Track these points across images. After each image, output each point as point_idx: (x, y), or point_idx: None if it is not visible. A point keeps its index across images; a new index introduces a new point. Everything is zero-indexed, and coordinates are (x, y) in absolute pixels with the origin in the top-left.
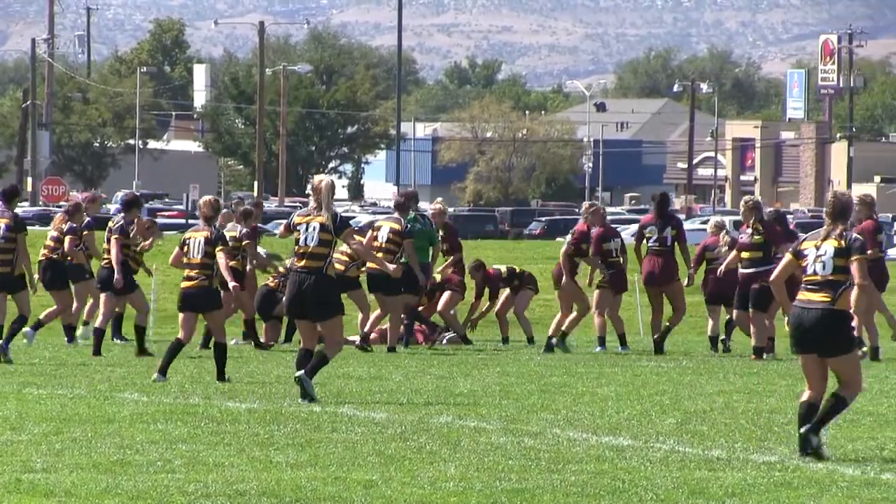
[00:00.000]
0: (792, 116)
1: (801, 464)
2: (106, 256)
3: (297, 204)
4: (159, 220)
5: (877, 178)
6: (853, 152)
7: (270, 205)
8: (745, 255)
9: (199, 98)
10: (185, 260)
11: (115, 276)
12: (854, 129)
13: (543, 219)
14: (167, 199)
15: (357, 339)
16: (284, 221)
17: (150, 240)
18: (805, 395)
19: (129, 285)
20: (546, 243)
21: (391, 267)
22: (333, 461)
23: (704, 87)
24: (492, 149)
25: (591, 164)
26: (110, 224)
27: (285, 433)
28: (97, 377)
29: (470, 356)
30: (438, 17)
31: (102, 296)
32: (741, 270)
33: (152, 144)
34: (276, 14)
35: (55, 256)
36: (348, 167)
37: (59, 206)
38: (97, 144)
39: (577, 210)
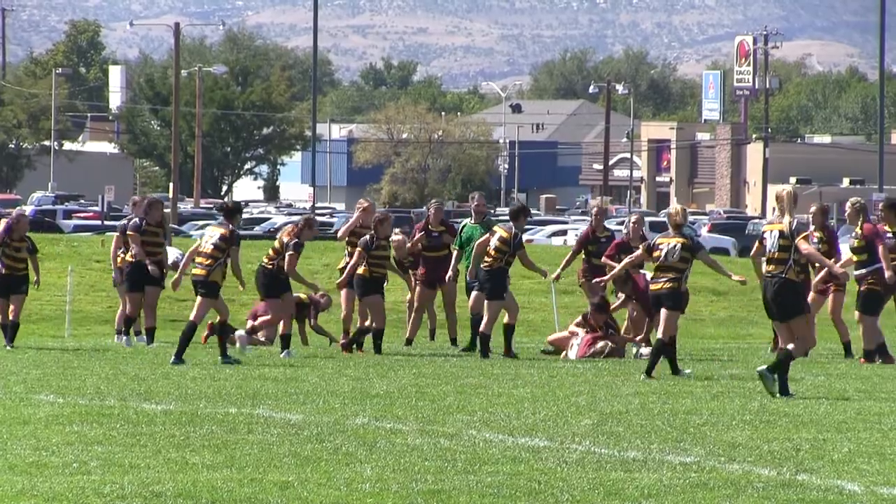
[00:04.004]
0: (707, 118)
1: (717, 465)
2: (127, 258)
3: (212, 206)
4: (74, 222)
5: (792, 180)
6: (769, 153)
7: (186, 206)
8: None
9: (115, 99)
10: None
11: (150, 268)
12: (769, 131)
13: (459, 220)
14: (82, 201)
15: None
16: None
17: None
18: None
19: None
20: None
21: None
22: (249, 462)
23: (620, 88)
24: (407, 150)
25: (506, 166)
26: (124, 222)
27: (201, 435)
28: (12, 379)
29: (385, 358)
30: (354, 19)
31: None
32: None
33: (68, 146)
34: (192, 15)
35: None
36: (264, 168)
37: None
38: (12, 146)
39: (492, 211)
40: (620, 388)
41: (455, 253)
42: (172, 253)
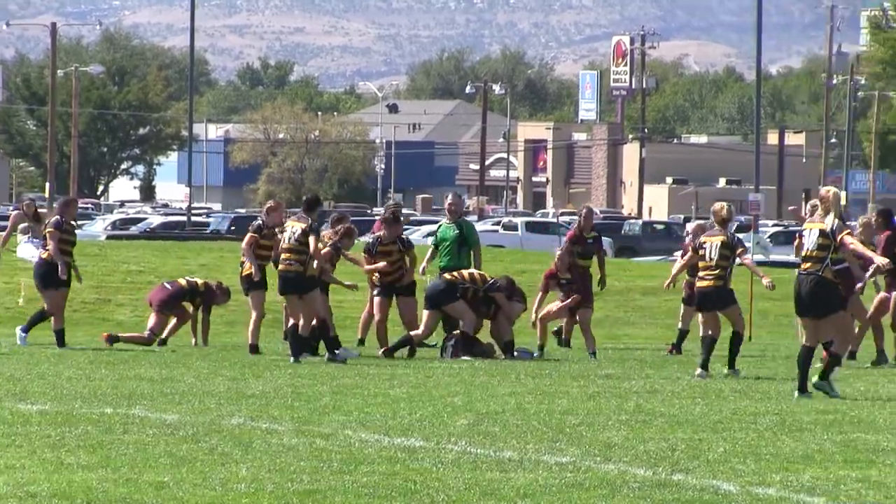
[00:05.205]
0: (584, 118)
1: (593, 465)
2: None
3: (89, 206)
4: None
5: (669, 180)
6: (645, 153)
7: None
8: None
9: None
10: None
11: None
12: (646, 131)
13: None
14: None
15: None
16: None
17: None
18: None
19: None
20: None
21: None
22: (125, 463)
23: (497, 88)
24: (284, 150)
25: (383, 166)
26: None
27: (76, 435)
28: None
29: (261, 359)
30: (231, 19)
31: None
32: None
33: None
34: (68, 15)
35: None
36: (140, 168)
37: None
38: None
39: (369, 211)
40: (496, 388)
41: (429, 252)
42: (28, 250)
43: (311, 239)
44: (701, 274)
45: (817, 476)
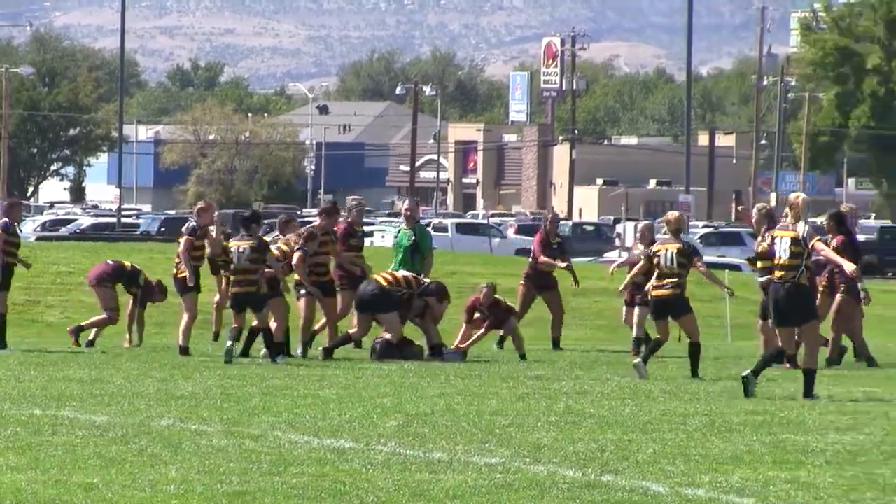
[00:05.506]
0: (514, 119)
1: (523, 466)
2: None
3: None
4: None
5: (599, 181)
6: (575, 155)
7: None
8: None
9: None
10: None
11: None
12: (576, 132)
13: (266, 221)
14: None
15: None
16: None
17: None
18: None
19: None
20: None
21: None
22: (54, 464)
23: (427, 89)
24: (214, 151)
25: (313, 167)
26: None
27: (5, 437)
28: None
29: (191, 360)
30: (161, 20)
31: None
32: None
33: None
34: None
35: None
36: (70, 169)
37: None
38: None
39: (299, 213)
40: (426, 390)
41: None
42: None
43: (269, 254)
44: (658, 282)
45: (746, 477)
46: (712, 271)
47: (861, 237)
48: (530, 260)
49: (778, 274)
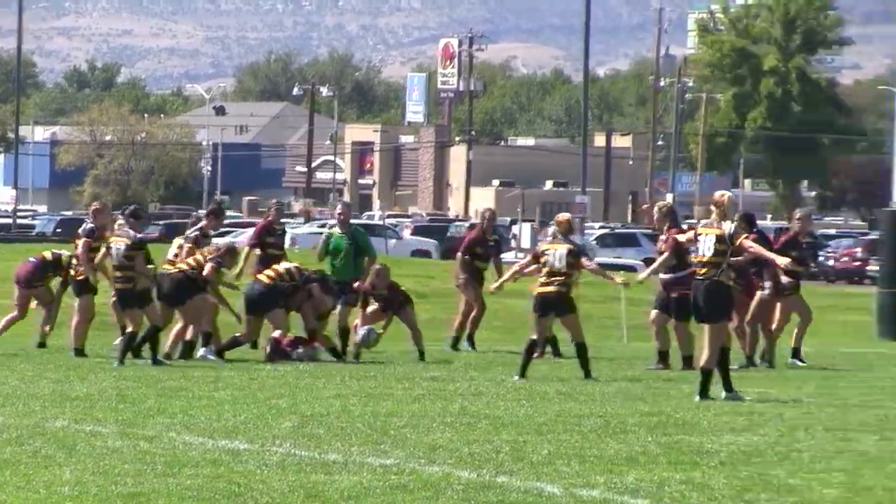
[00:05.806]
0: (412, 120)
1: (417, 467)
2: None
3: None
4: None
5: (495, 182)
6: (472, 156)
7: None
8: None
9: None
10: None
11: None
12: (473, 133)
13: (161, 222)
14: None
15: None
16: None
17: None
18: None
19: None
20: (166, 246)
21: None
22: None
23: (324, 90)
24: (111, 152)
25: (209, 168)
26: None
27: None
28: None
29: (86, 361)
30: (59, 21)
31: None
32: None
33: None
34: None
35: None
36: None
37: None
38: None
39: (194, 213)
40: (321, 391)
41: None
42: None
43: (138, 258)
44: (545, 280)
45: (641, 478)
46: (600, 266)
47: None
48: (459, 254)
49: (701, 271)
